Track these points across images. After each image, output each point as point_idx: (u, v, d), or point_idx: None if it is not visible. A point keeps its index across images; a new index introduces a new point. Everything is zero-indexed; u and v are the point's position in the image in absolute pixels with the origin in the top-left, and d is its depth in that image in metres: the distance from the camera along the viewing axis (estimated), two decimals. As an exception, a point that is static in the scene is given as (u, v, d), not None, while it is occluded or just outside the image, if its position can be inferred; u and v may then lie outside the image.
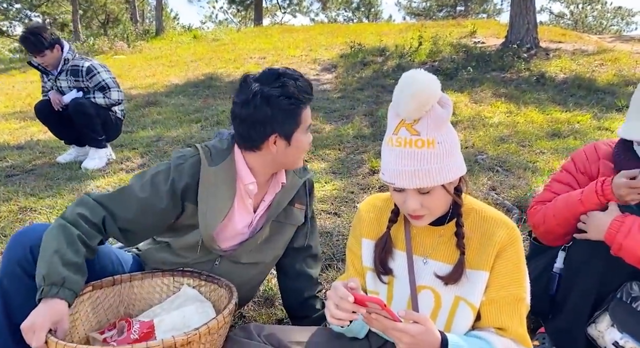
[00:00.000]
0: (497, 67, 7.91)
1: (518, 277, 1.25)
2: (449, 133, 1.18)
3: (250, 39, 12.59)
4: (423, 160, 1.14)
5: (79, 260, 1.37)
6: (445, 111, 1.16)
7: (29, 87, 8.92)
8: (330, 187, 3.52)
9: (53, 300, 1.30)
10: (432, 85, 1.13)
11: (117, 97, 4.20)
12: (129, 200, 1.50)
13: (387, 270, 1.35)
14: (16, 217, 3.14)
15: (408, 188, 1.17)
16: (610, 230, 1.50)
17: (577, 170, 1.80)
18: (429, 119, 1.14)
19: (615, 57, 8.18)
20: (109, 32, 20.37)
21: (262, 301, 2.20)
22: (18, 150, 4.79)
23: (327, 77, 8.23)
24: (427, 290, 1.30)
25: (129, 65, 10.33)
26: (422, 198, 1.20)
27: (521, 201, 3.06)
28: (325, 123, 5.43)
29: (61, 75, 4.16)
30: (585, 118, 5.16)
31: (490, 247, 1.24)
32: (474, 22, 12.08)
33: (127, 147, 4.75)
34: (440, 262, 1.30)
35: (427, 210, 1.22)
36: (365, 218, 1.44)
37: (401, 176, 1.16)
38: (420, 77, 1.13)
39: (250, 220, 1.68)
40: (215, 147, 1.61)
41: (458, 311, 1.26)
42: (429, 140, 1.14)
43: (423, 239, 1.34)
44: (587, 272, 1.62)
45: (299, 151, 1.57)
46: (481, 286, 1.24)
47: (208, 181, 1.54)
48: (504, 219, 1.29)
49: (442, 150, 1.15)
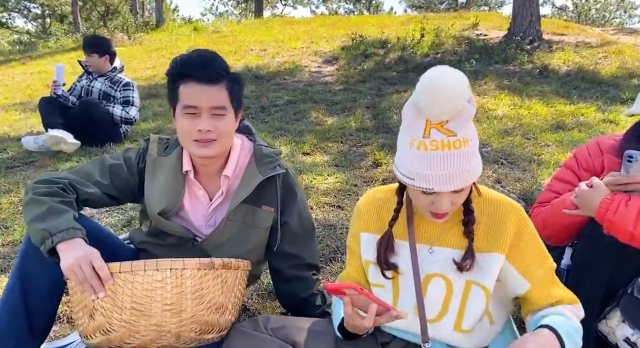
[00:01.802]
0: (500, 59, 7.83)
1: (542, 250, 1.30)
2: (474, 128, 1.17)
3: (251, 31, 12.50)
4: (463, 161, 1.12)
5: (47, 207, 1.37)
6: (472, 107, 1.14)
7: (29, 79, 8.86)
8: (333, 180, 3.49)
9: (68, 243, 1.31)
10: (463, 84, 1.10)
11: (134, 114, 4.54)
12: (98, 164, 1.61)
13: (391, 265, 1.34)
14: (17, 209, 3.12)
15: (447, 191, 1.15)
16: (600, 208, 1.48)
17: (579, 167, 1.76)
18: (462, 117, 1.12)
19: (619, 49, 8.11)
20: (109, 24, 20.26)
21: (266, 294, 2.18)
22: (18, 142, 4.75)
23: (328, 69, 8.17)
24: (438, 277, 1.29)
25: (129, 57, 10.26)
26: (454, 197, 1.19)
27: (527, 194, 3.03)
28: (327, 115, 5.39)
29: (100, 78, 4.54)
30: (589, 110, 5.11)
31: (502, 230, 1.26)
32: (476, 15, 11.98)
33: (128, 139, 4.71)
34: (449, 248, 1.30)
35: (455, 207, 1.22)
36: (364, 212, 1.43)
37: (441, 180, 1.12)
38: (451, 76, 1.10)
39: (205, 211, 1.66)
40: (173, 138, 1.68)
41: (471, 295, 1.26)
42: (465, 139, 1.13)
43: (426, 227, 1.33)
44: (596, 267, 1.59)
45: (180, 133, 1.53)
46: (495, 268, 1.25)
47: (153, 168, 1.62)
48: (509, 200, 1.31)
49: (474, 147, 1.15)
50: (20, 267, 1.43)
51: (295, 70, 8.00)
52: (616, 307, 1.56)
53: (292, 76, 7.67)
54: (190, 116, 1.48)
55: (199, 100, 1.46)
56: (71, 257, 1.26)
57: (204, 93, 1.47)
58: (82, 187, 1.52)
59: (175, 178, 1.61)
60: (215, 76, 1.47)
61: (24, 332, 1.42)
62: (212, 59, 1.50)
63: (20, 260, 1.44)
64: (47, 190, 1.42)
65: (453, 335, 1.29)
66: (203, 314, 1.33)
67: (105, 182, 1.58)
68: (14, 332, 1.41)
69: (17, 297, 1.41)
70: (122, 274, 1.26)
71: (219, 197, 1.65)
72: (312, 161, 3.94)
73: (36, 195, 1.40)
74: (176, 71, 1.49)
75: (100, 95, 4.50)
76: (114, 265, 1.26)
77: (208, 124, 1.47)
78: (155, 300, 1.26)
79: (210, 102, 1.47)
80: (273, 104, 6.02)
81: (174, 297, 1.28)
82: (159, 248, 1.69)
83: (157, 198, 1.59)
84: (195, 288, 1.30)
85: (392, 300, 1.35)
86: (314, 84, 7.18)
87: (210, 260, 1.33)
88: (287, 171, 1.68)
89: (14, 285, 1.43)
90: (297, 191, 1.71)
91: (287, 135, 4.64)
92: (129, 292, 1.26)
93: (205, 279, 1.32)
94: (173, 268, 1.27)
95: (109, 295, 1.26)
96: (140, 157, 1.65)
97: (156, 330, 1.28)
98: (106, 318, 1.27)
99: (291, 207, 1.68)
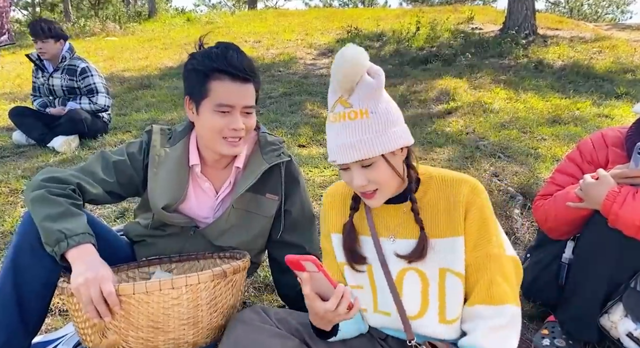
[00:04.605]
0: (496, 53, 7.82)
1: (487, 232, 1.23)
2: (382, 103, 1.17)
3: (245, 23, 12.39)
4: (357, 131, 1.14)
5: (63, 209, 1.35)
6: (375, 81, 1.15)
7: (19, 68, 8.72)
8: (329, 173, 3.45)
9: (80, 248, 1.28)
10: (358, 56, 1.13)
11: (104, 102, 4.30)
12: (102, 161, 1.56)
13: (359, 258, 1.32)
14: (7, 200, 3.06)
15: (349, 163, 1.17)
16: (606, 201, 1.45)
17: (583, 160, 1.74)
18: (360, 90, 1.15)
19: (613, 44, 8.12)
20: (100, 14, 20.00)
21: (263, 287, 2.15)
22: (8, 132, 4.67)
23: (323, 62, 8.11)
24: (411, 271, 1.26)
25: (122, 48, 10.12)
26: (366, 172, 1.19)
27: (524, 187, 3.01)
28: (322, 108, 5.35)
29: (56, 73, 4.25)
30: (585, 105, 5.11)
31: (457, 210, 1.23)
32: (471, 8, 11.97)
33: (120, 130, 4.65)
34: (405, 239, 1.28)
35: (375, 185, 1.20)
36: (329, 211, 1.41)
37: (340, 151, 1.16)
38: (347, 50, 1.14)
39: (212, 203, 1.62)
40: (177, 129, 1.64)
41: (447, 283, 1.24)
42: (361, 110, 1.14)
43: (386, 219, 1.32)
44: (599, 261, 1.57)
45: (207, 129, 1.49)
46: (461, 251, 1.22)
47: (157, 161, 1.57)
48: (465, 177, 1.27)
49: (377, 119, 1.15)
50: (13, 260, 1.38)
51: (290, 62, 7.94)
52: (619, 301, 1.55)
53: (287, 68, 7.61)
54: (222, 114, 1.45)
55: (234, 99, 1.45)
56: (82, 276, 1.21)
57: (240, 92, 1.46)
58: (89, 187, 1.48)
59: (179, 171, 1.57)
60: (250, 75, 1.46)
61: (16, 326, 1.38)
62: (245, 57, 1.48)
63: (14, 253, 1.39)
64: (61, 191, 1.39)
65: (440, 328, 1.25)
66: (217, 320, 1.35)
67: (111, 180, 1.54)
68: (6, 326, 1.37)
69: (9, 291, 1.37)
70: (137, 295, 1.21)
71: (226, 187, 1.62)
72: (307, 153, 3.91)
73: (50, 195, 1.36)
74: (211, 66, 1.43)
75: (64, 91, 4.28)
76: (127, 287, 1.21)
77: (241, 122, 1.47)
78: (172, 317, 1.25)
79: (244, 102, 1.47)
80: (268, 95, 5.96)
81: (190, 311, 1.27)
82: (159, 239, 1.66)
83: (161, 193, 1.56)
84: (210, 299, 1.30)
85: (372, 301, 1.32)
86: (309, 76, 7.13)
87: (222, 270, 1.31)
88: (290, 159, 1.65)
89: (5, 278, 1.38)
90: (300, 180, 1.68)
91: (282, 128, 4.60)
92: (144, 311, 1.22)
93: (218, 287, 1.32)
94: (188, 284, 1.24)
95: (123, 315, 1.22)
96: (144, 152, 1.60)
97: (174, 343, 1.29)
98: (121, 336, 1.24)
99: (294, 195, 1.65)
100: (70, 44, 4.30)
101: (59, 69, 4.22)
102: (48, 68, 4.24)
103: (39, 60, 4.24)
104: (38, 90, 4.41)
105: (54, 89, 4.28)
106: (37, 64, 4.27)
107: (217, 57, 1.43)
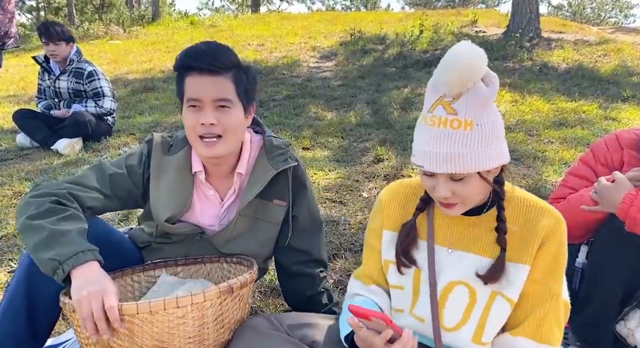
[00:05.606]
0: (500, 56, 7.79)
1: (557, 269, 1.15)
2: (491, 115, 1.06)
3: (248, 26, 12.39)
4: (457, 143, 1.04)
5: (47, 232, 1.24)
6: (490, 90, 1.05)
7: (23, 71, 8.73)
8: (334, 175, 3.43)
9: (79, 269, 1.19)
10: (477, 58, 1.02)
11: (110, 106, 4.33)
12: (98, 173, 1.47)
13: (411, 260, 1.25)
14: (10, 202, 3.04)
15: (438, 173, 1.07)
16: (623, 204, 1.41)
17: (596, 162, 1.70)
18: (470, 97, 1.04)
19: (618, 47, 8.09)
20: (104, 17, 20.05)
21: (269, 291, 2.12)
22: (12, 135, 4.66)
23: (327, 65, 8.10)
24: (461, 285, 1.19)
25: (125, 51, 10.13)
26: (454, 185, 1.09)
27: (533, 191, 2.97)
28: (326, 110, 5.33)
29: (62, 76, 4.26)
30: (591, 108, 5.08)
31: (533, 238, 1.14)
32: (475, 12, 11.93)
33: (124, 133, 4.63)
34: (475, 255, 1.19)
35: (459, 198, 1.12)
36: (387, 207, 1.32)
37: (432, 159, 1.05)
38: (465, 48, 1.03)
39: (217, 212, 1.57)
40: (178, 136, 1.57)
41: (494, 305, 1.16)
42: (466, 120, 1.03)
43: (449, 227, 1.24)
44: (615, 265, 1.53)
45: (186, 129, 1.44)
46: (522, 280, 1.15)
47: (158, 171, 1.51)
48: (549, 207, 1.17)
49: (481, 133, 1.04)
50: (27, 270, 1.33)
51: (294, 66, 7.92)
52: (636, 307, 1.51)
53: (290, 71, 7.59)
54: (193, 109, 1.39)
55: (201, 92, 1.37)
56: (84, 289, 1.15)
57: (207, 84, 1.37)
58: (83, 193, 1.40)
59: (182, 179, 1.52)
60: (218, 66, 1.37)
61: (25, 336, 1.34)
62: (217, 49, 1.41)
63: (29, 261, 1.33)
64: (38, 210, 1.28)
65: (470, 347, 1.19)
66: (224, 336, 1.31)
67: (107, 192, 1.46)
68: (16, 336, 1.33)
69: (21, 301, 1.32)
70: (140, 315, 1.17)
71: (231, 195, 1.56)
72: (312, 156, 3.88)
73: (30, 220, 1.26)
74: (180, 63, 1.40)
75: (70, 94, 4.28)
76: (131, 306, 1.16)
77: (211, 116, 1.37)
78: (177, 336, 1.21)
79: (213, 94, 1.37)
80: (272, 98, 5.94)
81: (196, 330, 1.23)
82: (164, 246, 1.62)
83: (164, 205, 1.50)
84: (216, 315, 1.26)
85: (410, 303, 1.27)
86: (313, 79, 7.11)
87: (229, 286, 1.25)
88: (298, 163, 1.59)
89: (17, 288, 1.33)
90: (307, 184, 1.63)
91: (286, 130, 4.57)
92: (149, 331, 1.18)
93: (224, 304, 1.27)
94: (194, 302, 1.20)
95: (127, 334, 1.18)
96: (144, 165, 1.53)
97: None
98: None
99: (301, 200, 1.60)
100: (77, 47, 4.32)
101: (66, 72, 4.23)
102: (55, 70, 4.25)
103: (46, 63, 4.25)
104: (43, 93, 4.41)
105: (60, 91, 4.29)
106: (43, 67, 4.27)
107: (187, 53, 1.39)
